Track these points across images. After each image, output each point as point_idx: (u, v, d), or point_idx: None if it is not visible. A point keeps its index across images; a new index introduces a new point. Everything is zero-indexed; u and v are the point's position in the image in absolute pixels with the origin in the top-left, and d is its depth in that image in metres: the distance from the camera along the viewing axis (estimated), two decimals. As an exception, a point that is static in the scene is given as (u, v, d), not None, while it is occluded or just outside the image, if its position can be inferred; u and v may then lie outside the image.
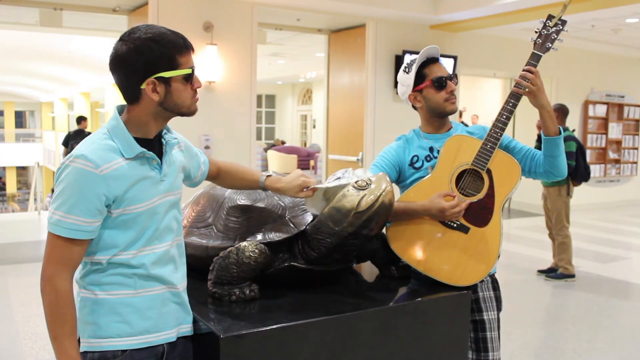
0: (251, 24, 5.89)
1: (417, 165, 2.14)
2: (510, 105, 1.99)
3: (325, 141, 7.41)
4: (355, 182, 1.71)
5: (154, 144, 1.54)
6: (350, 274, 2.07)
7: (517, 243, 7.40)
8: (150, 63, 1.44)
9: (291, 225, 1.83)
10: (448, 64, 6.84)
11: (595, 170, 10.02)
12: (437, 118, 2.17)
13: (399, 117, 6.68)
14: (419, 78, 2.13)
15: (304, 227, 1.80)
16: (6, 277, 5.52)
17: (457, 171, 2.01)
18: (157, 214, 1.51)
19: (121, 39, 1.46)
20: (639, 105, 10.74)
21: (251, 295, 1.72)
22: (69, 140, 10.24)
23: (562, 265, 5.71)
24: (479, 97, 12.82)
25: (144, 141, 1.50)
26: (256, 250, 1.71)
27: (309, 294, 1.81)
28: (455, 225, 1.97)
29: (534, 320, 4.69)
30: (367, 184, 1.70)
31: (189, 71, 1.49)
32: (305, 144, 18.22)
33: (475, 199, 1.97)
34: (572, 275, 5.69)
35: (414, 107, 2.22)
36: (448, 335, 1.88)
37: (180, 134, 1.70)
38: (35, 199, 15.61)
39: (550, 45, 2.00)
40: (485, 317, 2.10)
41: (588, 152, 9.25)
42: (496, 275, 2.20)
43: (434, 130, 2.19)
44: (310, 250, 1.78)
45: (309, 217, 1.84)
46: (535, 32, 2.02)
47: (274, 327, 1.53)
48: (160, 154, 1.55)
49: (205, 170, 1.81)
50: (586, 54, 9.57)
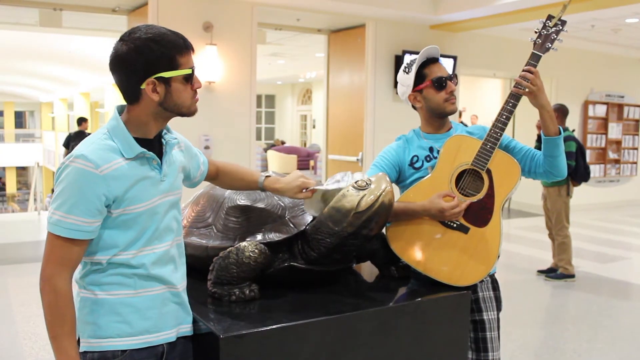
0: (251, 24, 5.89)
1: (417, 165, 2.14)
2: (510, 105, 1.99)
3: (325, 141, 7.40)
4: (355, 182, 1.71)
5: (154, 144, 1.54)
6: (350, 274, 2.07)
7: (517, 243, 7.40)
8: (150, 63, 1.44)
9: (291, 225, 1.83)
10: (448, 64, 6.84)
11: (595, 170, 10.02)
12: (437, 118, 2.17)
13: (399, 117, 6.68)
14: (419, 78, 2.13)
15: (304, 227, 1.80)
16: (6, 277, 5.52)
17: (457, 171, 2.01)
18: (157, 214, 1.51)
19: (121, 39, 1.47)
20: (638, 106, 10.75)
21: (251, 295, 1.72)
22: (69, 141, 10.23)
23: (562, 266, 5.71)
24: (479, 97, 12.83)
25: (144, 141, 1.50)
26: (256, 251, 1.71)
27: (309, 294, 1.81)
28: (455, 225, 1.97)
29: (534, 321, 4.69)
30: (367, 184, 1.70)
31: (189, 71, 1.49)
32: (305, 144, 18.23)
33: (475, 199, 1.97)
34: (572, 276, 5.69)
35: (414, 107, 2.22)
36: (448, 335, 1.88)
37: (180, 134, 1.70)
38: (35, 199, 15.61)
39: (550, 45, 2.00)
40: (485, 317, 2.10)
41: (588, 152, 9.26)
42: (496, 275, 2.20)
43: (433, 131, 2.19)
44: (310, 251, 1.78)
45: (309, 217, 1.83)
46: (535, 33, 2.02)
47: (274, 327, 1.53)
48: (160, 154, 1.55)
49: (205, 171, 1.81)
50: (586, 54, 9.57)
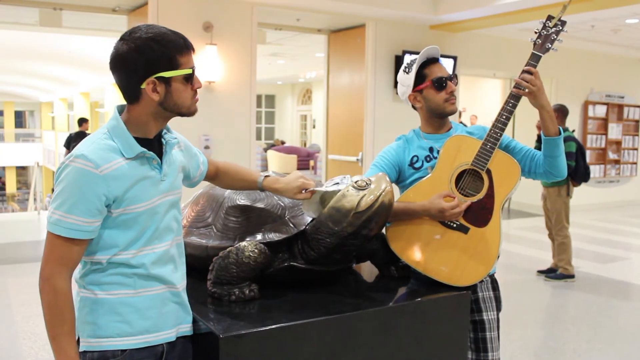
0: (251, 24, 5.89)
1: (417, 165, 2.14)
2: (510, 105, 1.99)
3: (325, 141, 7.40)
4: (355, 182, 1.71)
5: (154, 144, 1.54)
6: (349, 274, 2.07)
7: (517, 243, 7.40)
8: (150, 63, 1.44)
9: (291, 225, 1.83)
10: (448, 64, 6.84)
11: (595, 170, 10.02)
12: (437, 118, 2.17)
13: (399, 117, 6.68)
14: (419, 78, 2.13)
15: (304, 227, 1.80)
16: (6, 277, 5.52)
17: (457, 171, 2.01)
18: (157, 213, 1.51)
19: (122, 39, 1.46)
20: (638, 106, 10.75)
21: (251, 295, 1.72)
22: (70, 142, 10.24)
23: (562, 266, 5.71)
24: (479, 98, 12.83)
25: (143, 141, 1.50)
26: (256, 250, 1.71)
27: (309, 294, 1.81)
28: (454, 225, 1.97)
29: (534, 321, 4.69)
30: (367, 184, 1.70)
31: (189, 71, 1.49)
32: (305, 144, 18.23)
33: (475, 199, 1.97)
34: (572, 276, 5.69)
35: (414, 107, 2.21)
36: (447, 335, 1.88)
37: (180, 134, 1.70)
38: (35, 199, 15.60)
39: (550, 45, 2.00)
40: (484, 317, 2.10)
41: (588, 153, 9.26)
42: (496, 275, 2.20)
43: (433, 131, 2.19)
44: (310, 250, 1.78)
45: (309, 217, 1.83)
46: (535, 33, 2.02)
47: (274, 327, 1.53)
48: (160, 154, 1.55)
49: (204, 171, 1.81)
50: (586, 55, 9.57)
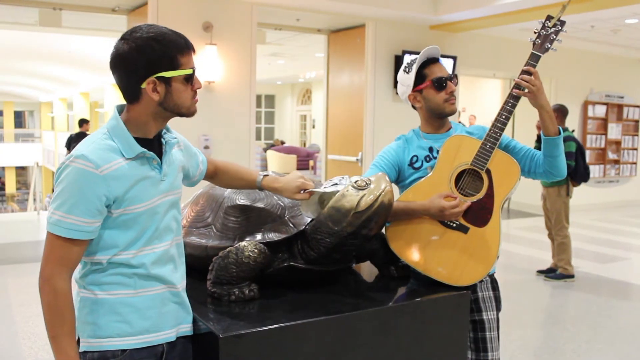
0: (251, 24, 5.89)
1: (417, 165, 2.14)
2: (510, 105, 2.00)
3: (325, 141, 7.40)
4: (355, 182, 1.71)
5: (154, 144, 1.54)
6: (349, 274, 2.07)
7: (517, 243, 7.41)
8: (151, 62, 1.44)
9: (290, 225, 1.83)
10: (447, 64, 6.84)
11: (595, 170, 10.03)
12: (437, 118, 2.17)
13: (399, 117, 6.68)
14: (419, 78, 2.13)
15: (303, 227, 1.80)
16: (6, 277, 5.52)
17: (457, 171, 2.01)
18: (157, 213, 1.51)
19: (122, 38, 1.46)
20: (638, 106, 10.75)
21: (250, 295, 1.72)
22: (71, 142, 10.24)
23: (562, 266, 5.71)
24: (479, 98, 12.84)
25: (143, 141, 1.50)
26: (255, 250, 1.71)
27: (309, 293, 1.81)
28: (454, 225, 1.97)
29: (534, 321, 4.69)
30: (367, 183, 1.69)
31: (189, 71, 1.49)
32: (304, 144, 18.23)
33: (474, 199, 1.97)
34: (572, 276, 5.70)
35: (414, 107, 2.21)
36: (447, 335, 1.88)
37: (179, 134, 1.70)
38: (34, 199, 15.62)
39: (549, 45, 2.00)
40: (484, 317, 2.10)
41: (587, 153, 9.25)
42: (495, 275, 2.20)
43: (433, 131, 2.19)
44: (310, 250, 1.78)
45: (308, 217, 1.83)
46: (534, 33, 2.02)
47: (273, 327, 1.53)
48: (159, 154, 1.55)
49: (204, 170, 1.81)
50: (586, 55, 9.57)
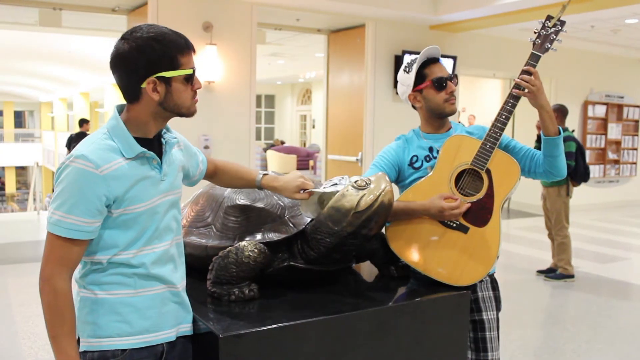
0: (251, 24, 5.89)
1: (417, 165, 2.14)
2: (510, 105, 2.00)
3: (325, 141, 7.40)
4: (355, 182, 1.71)
5: (154, 144, 1.54)
6: (349, 274, 2.07)
7: (517, 243, 7.41)
8: (151, 62, 1.44)
9: (290, 225, 1.83)
10: (447, 64, 6.84)
11: (595, 170, 10.03)
12: (437, 118, 2.17)
13: (399, 117, 6.68)
14: (419, 78, 2.13)
15: (303, 227, 1.80)
16: (6, 277, 5.52)
17: (457, 171, 2.01)
18: (157, 213, 1.51)
19: (123, 38, 1.46)
20: (638, 106, 10.75)
21: (250, 295, 1.72)
22: (71, 142, 10.25)
23: (562, 266, 5.71)
24: (479, 98, 12.84)
25: (143, 141, 1.50)
26: (255, 250, 1.71)
27: (308, 293, 1.81)
28: (454, 225, 1.97)
29: (534, 321, 4.69)
30: (367, 183, 1.69)
31: (190, 72, 1.49)
32: (304, 144, 18.23)
33: (474, 199, 1.97)
34: (572, 276, 5.70)
35: (414, 107, 2.21)
36: (447, 335, 1.88)
37: (179, 133, 1.70)
38: (34, 199, 15.62)
39: (549, 45, 2.00)
40: (484, 317, 2.10)
41: (587, 153, 9.25)
42: (495, 275, 2.20)
43: (433, 130, 2.19)
44: (310, 250, 1.78)
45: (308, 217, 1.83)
46: (534, 33, 2.02)
47: (273, 327, 1.53)
48: (159, 154, 1.55)
49: (204, 170, 1.81)
50: (586, 55, 9.57)
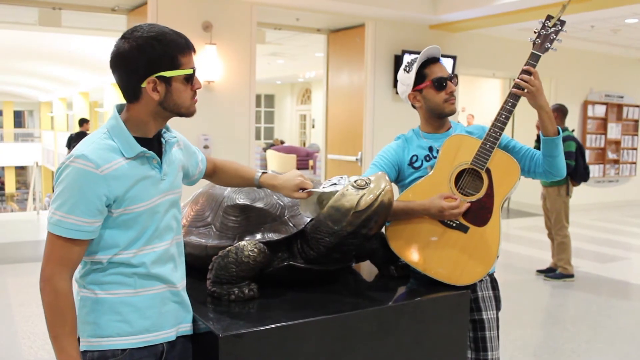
0: (250, 23, 5.89)
1: (417, 164, 2.14)
2: (510, 105, 2.00)
3: (325, 141, 7.40)
4: (355, 182, 1.71)
5: (153, 143, 1.54)
6: (349, 274, 2.07)
7: (516, 243, 7.41)
8: (152, 62, 1.43)
9: (290, 224, 1.83)
10: (447, 64, 6.84)
11: (595, 170, 10.03)
12: (436, 118, 2.17)
13: (398, 117, 6.68)
14: (419, 78, 2.13)
15: (303, 227, 1.80)
16: (5, 277, 5.51)
17: (457, 171, 2.01)
18: (158, 213, 1.51)
19: (123, 37, 1.46)
20: (638, 106, 10.76)
21: (250, 295, 1.72)
22: (71, 142, 10.25)
23: (561, 265, 5.71)
24: (478, 97, 12.83)
25: (143, 140, 1.50)
26: (255, 250, 1.71)
27: (308, 293, 1.81)
28: (454, 224, 1.97)
29: (533, 321, 4.69)
30: (367, 183, 1.69)
31: (190, 71, 1.49)
32: (304, 144, 18.22)
33: (474, 198, 1.97)
34: (571, 275, 5.70)
35: (414, 107, 2.22)
36: (447, 334, 1.88)
37: (178, 133, 1.70)
38: (34, 199, 15.62)
39: (549, 45, 2.00)
40: (484, 317, 2.10)
41: (587, 153, 9.26)
42: (495, 275, 2.20)
43: (433, 130, 2.19)
44: (310, 250, 1.78)
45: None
46: (534, 33, 2.02)
47: (273, 327, 1.53)
48: (159, 153, 1.55)
49: (203, 169, 1.81)
50: (585, 55, 9.57)
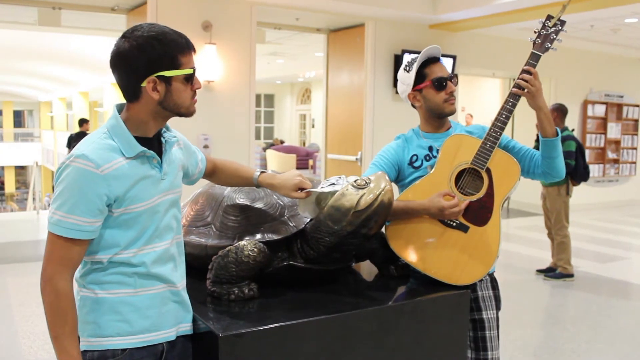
0: (250, 23, 5.89)
1: (417, 164, 2.14)
2: (510, 104, 2.00)
3: (324, 141, 7.40)
4: (355, 181, 1.71)
5: (153, 143, 1.54)
6: (349, 273, 2.07)
7: (516, 243, 7.41)
8: (152, 61, 1.43)
9: (290, 224, 1.83)
10: (447, 64, 6.83)
11: (594, 170, 10.03)
12: (436, 118, 2.17)
13: (398, 117, 6.68)
14: (419, 77, 2.13)
15: (303, 226, 1.80)
16: (5, 277, 5.51)
17: (457, 170, 2.01)
18: (158, 212, 1.51)
19: (123, 36, 1.46)
20: (637, 105, 10.75)
21: (250, 295, 1.72)
22: (71, 142, 10.26)
23: (561, 265, 5.71)
24: (478, 97, 12.83)
25: (143, 140, 1.50)
26: (255, 249, 1.71)
27: (308, 293, 1.81)
28: (454, 224, 1.97)
29: (533, 320, 4.69)
30: (366, 182, 1.69)
31: (190, 71, 1.49)
32: (304, 144, 18.22)
33: (474, 198, 1.97)
34: (571, 275, 5.70)
35: (413, 106, 2.22)
36: (447, 334, 1.88)
37: (178, 132, 1.70)
38: (34, 199, 15.60)
39: (549, 45, 2.00)
40: (484, 316, 2.10)
41: (587, 152, 9.26)
42: (495, 274, 2.20)
43: (433, 130, 2.19)
44: (309, 249, 1.78)
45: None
46: (535, 32, 2.02)
47: (273, 326, 1.53)
48: (159, 153, 1.55)
49: (203, 168, 1.81)
50: (585, 54, 9.57)
